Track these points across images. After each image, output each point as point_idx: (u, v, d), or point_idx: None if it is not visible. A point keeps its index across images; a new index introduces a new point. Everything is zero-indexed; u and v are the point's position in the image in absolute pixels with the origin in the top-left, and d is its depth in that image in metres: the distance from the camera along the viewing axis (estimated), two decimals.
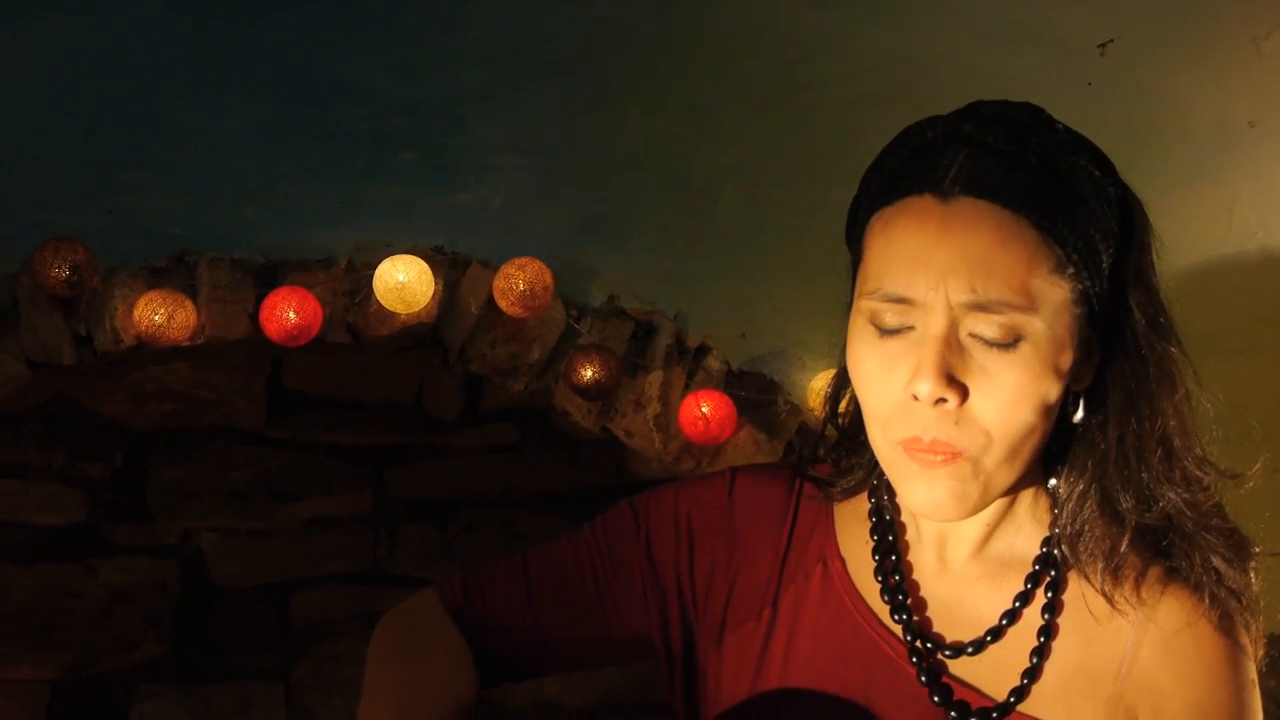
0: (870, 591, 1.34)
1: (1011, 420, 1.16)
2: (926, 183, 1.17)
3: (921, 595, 1.33)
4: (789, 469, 1.45)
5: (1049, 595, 1.27)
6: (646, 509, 1.46)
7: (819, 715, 1.32)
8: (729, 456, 3.10)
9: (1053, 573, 1.27)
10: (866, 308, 1.20)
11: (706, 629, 1.41)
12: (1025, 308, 1.14)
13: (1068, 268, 1.16)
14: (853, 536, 1.38)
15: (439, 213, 3.00)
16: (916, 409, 1.16)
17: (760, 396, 3.13)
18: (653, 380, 3.10)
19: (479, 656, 1.43)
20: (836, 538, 1.38)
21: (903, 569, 1.34)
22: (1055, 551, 1.27)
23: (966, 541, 1.30)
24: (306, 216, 2.98)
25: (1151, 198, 1.26)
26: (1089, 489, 1.23)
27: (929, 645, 1.29)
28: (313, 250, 3.02)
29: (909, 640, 1.29)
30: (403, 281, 2.91)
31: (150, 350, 2.95)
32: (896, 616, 1.31)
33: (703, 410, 3.00)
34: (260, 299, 2.94)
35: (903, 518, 1.36)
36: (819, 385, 3.06)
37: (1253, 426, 1.62)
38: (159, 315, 2.86)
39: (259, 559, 3.90)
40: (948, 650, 1.29)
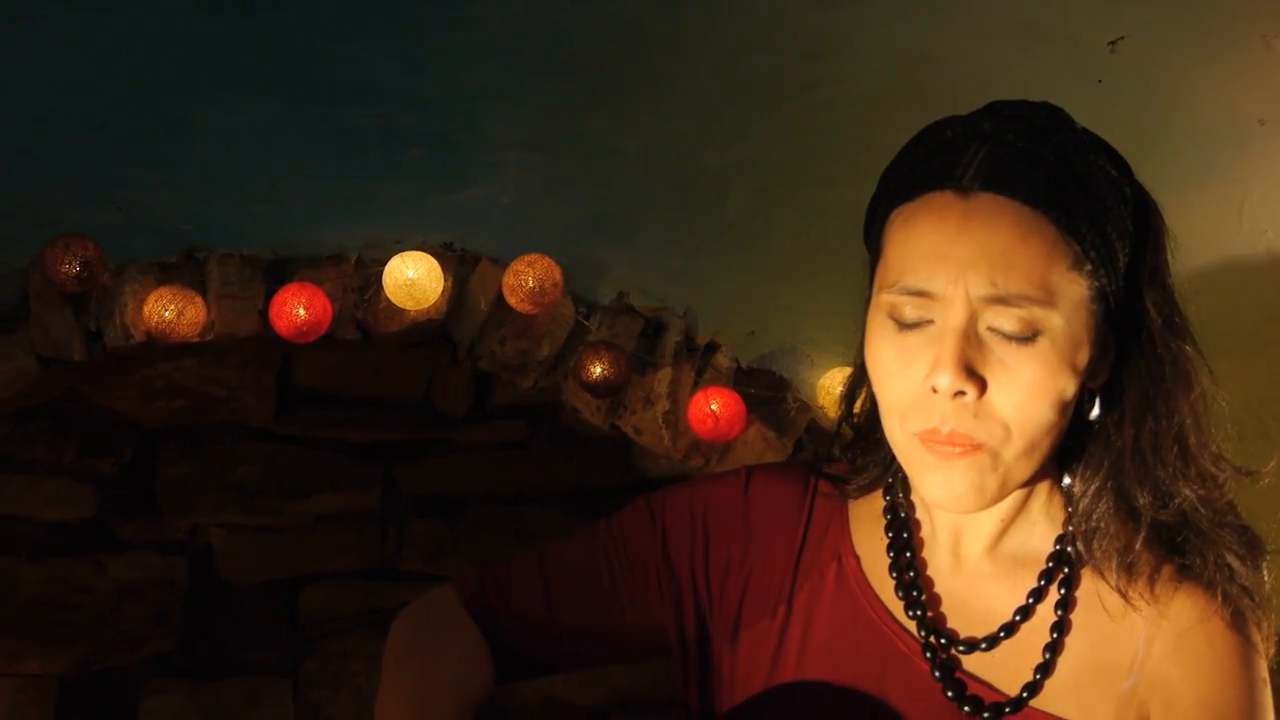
0: (884, 588, 1.34)
1: (1029, 414, 1.16)
2: (947, 179, 1.19)
3: (936, 592, 1.33)
4: (804, 467, 1.46)
5: (1062, 591, 1.27)
6: (663, 507, 1.46)
7: (833, 711, 1.33)
8: (738, 454, 3.10)
9: (1066, 569, 1.28)
10: (886, 302, 1.21)
11: (721, 626, 1.42)
12: (1044, 302, 1.15)
13: (1085, 265, 1.17)
14: (867, 534, 1.38)
15: (449, 209, 3.00)
16: (935, 401, 1.17)
17: (769, 394, 3.13)
18: (662, 377, 3.10)
19: (495, 652, 1.44)
20: (851, 535, 1.39)
21: (917, 565, 1.34)
22: (1069, 548, 1.28)
23: (981, 538, 1.31)
24: (316, 213, 2.98)
25: (1161, 196, 1.26)
26: (1104, 486, 1.23)
27: (943, 641, 1.30)
28: (322, 247, 3.02)
29: (923, 636, 1.30)
30: (412, 278, 2.92)
31: (160, 346, 2.96)
32: (911, 613, 1.31)
33: (712, 407, 3.00)
34: (270, 295, 2.95)
35: (917, 514, 1.37)
36: (828, 382, 3.06)
37: (1268, 425, 1.62)
38: (169, 311, 2.87)
39: (267, 555, 3.90)
40: (961, 646, 1.29)
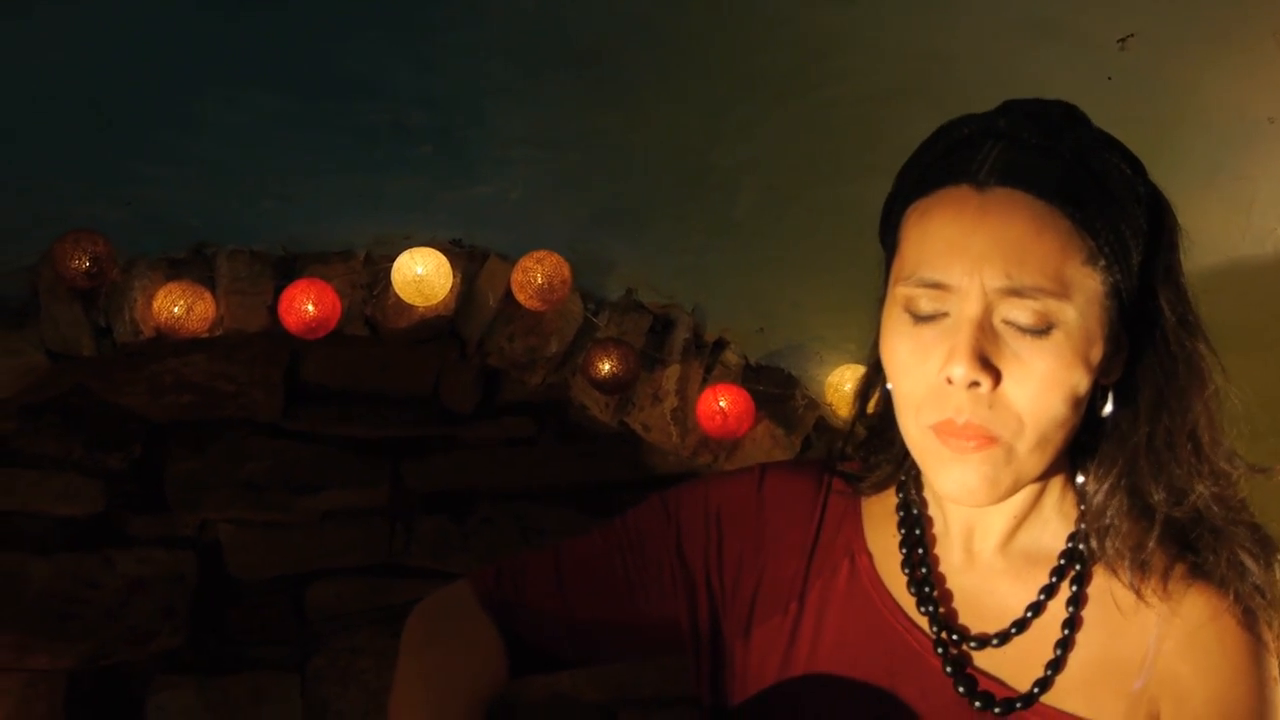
0: (896, 585, 1.35)
1: (1043, 407, 1.17)
2: (963, 174, 1.20)
3: (948, 588, 1.34)
4: (818, 465, 1.47)
5: (1074, 588, 1.28)
6: (677, 503, 1.48)
7: (844, 707, 1.34)
8: (746, 451, 3.10)
9: (1078, 566, 1.28)
10: (902, 295, 1.22)
11: (734, 622, 1.43)
12: (1058, 295, 1.16)
13: (1099, 260, 1.18)
14: (880, 531, 1.39)
15: (457, 205, 3.00)
16: (950, 393, 1.18)
17: (778, 391, 3.13)
18: (670, 374, 3.10)
19: (509, 646, 1.45)
20: (864, 532, 1.40)
21: (929, 562, 1.35)
22: (1081, 546, 1.28)
23: (993, 534, 1.31)
24: (325, 209, 2.98)
25: (1171, 193, 1.27)
26: (1118, 483, 1.24)
27: (954, 637, 1.30)
28: (331, 243, 3.02)
29: (935, 632, 1.30)
30: (421, 274, 2.92)
31: (169, 342, 2.96)
32: (923, 608, 1.32)
33: (720, 404, 3.00)
34: (279, 291, 2.95)
35: (930, 511, 1.37)
36: (836, 380, 3.06)
37: (1279, 422, 1.62)
38: (178, 307, 2.87)
39: (275, 551, 3.90)
40: (973, 642, 1.30)
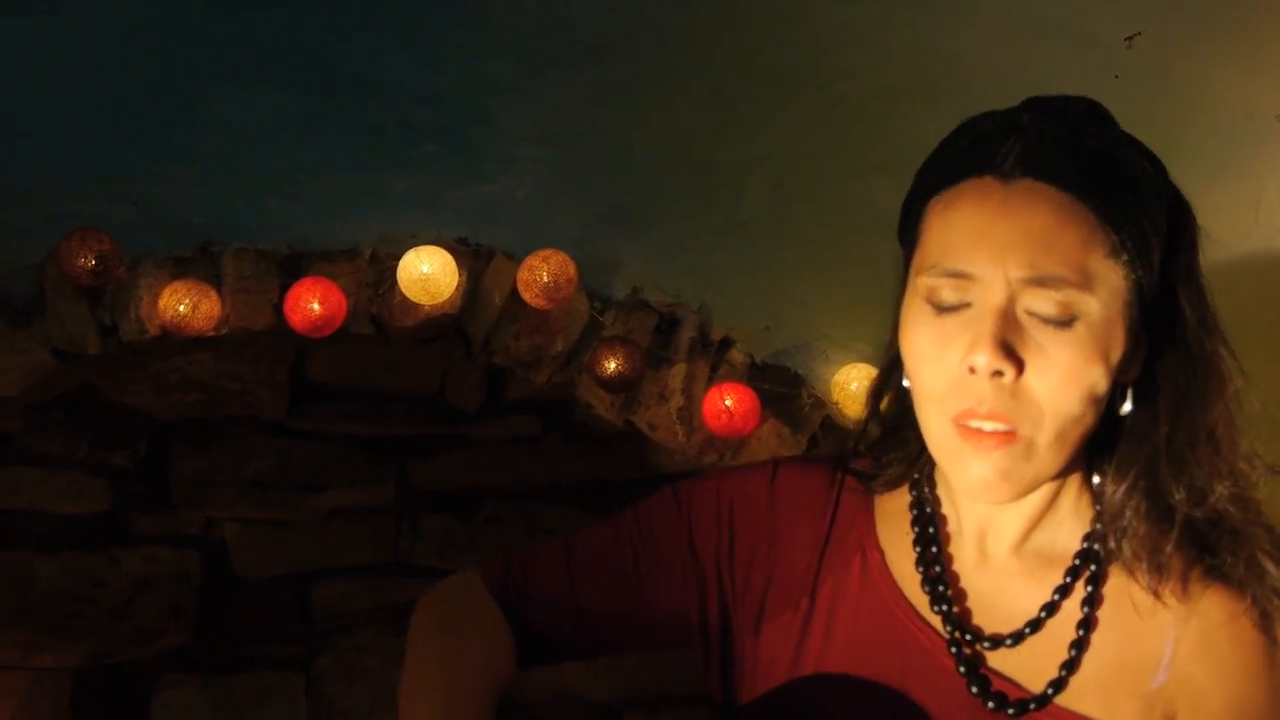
0: (908, 583, 1.34)
1: (1065, 398, 1.17)
2: (988, 166, 1.20)
3: (961, 587, 1.33)
4: (831, 461, 1.47)
5: (1089, 589, 1.27)
6: (689, 496, 1.47)
7: (855, 705, 1.33)
8: (752, 450, 3.10)
9: (1093, 567, 1.28)
10: (924, 285, 1.22)
11: (744, 617, 1.42)
12: (1081, 286, 1.16)
13: (1122, 254, 1.18)
14: (893, 528, 1.38)
15: (463, 204, 3.00)
16: (972, 383, 1.17)
17: (784, 390, 3.13)
18: (676, 373, 3.10)
19: (517, 635, 1.46)
20: (876, 529, 1.39)
21: (943, 560, 1.34)
22: (1096, 546, 1.28)
23: (1008, 535, 1.31)
24: (331, 207, 2.98)
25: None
26: (1136, 484, 1.23)
27: (968, 637, 1.30)
28: (337, 241, 3.03)
29: (948, 631, 1.30)
30: (427, 273, 2.92)
31: (174, 340, 2.96)
32: (936, 608, 1.31)
33: (726, 403, 3.00)
34: (284, 289, 2.95)
35: (943, 509, 1.37)
36: (843, 378, 3.06)
37: None
38: (184, 305, 2.87)
39: (281, 549, 3.91)
40: (986, 642, 1.29)
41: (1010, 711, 1.25)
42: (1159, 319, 1.22)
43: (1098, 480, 1.28)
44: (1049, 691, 1.25)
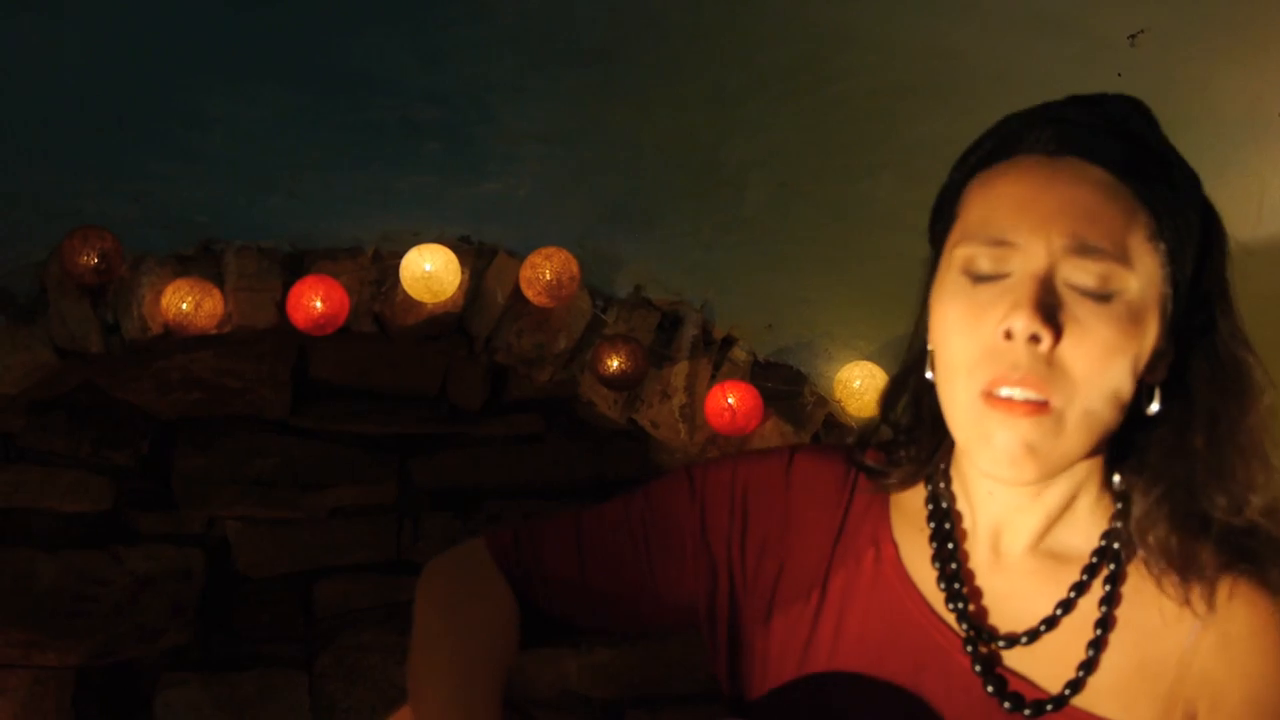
0: (922, 579, 1.33)
1: (1098, 374, 1.16)
2: (1034, 145, 1.22)
3: (976, 585, 1.32)
4: (848, 450, 1.45)
5: (1107, 587, 1.26)
6: (704, 479, 1.46)
7: (867, 702, 1.31)
8: (754, 448, 3.09)
9: (1112, 566, 1.26)
10: (961, 256, 1.21)
11: (754, 606, 1.41)
12: (1122, 261, 1.16)
13: (1160, 242, 1.19)
14: (907, 523, 1.37)
15: (466, 202, 3.00)
16: (1005, 351, 1.17)
17: (786, 388, 3.13)
18: (679, 371, 3.10)
19: (522, 609, 1.45)
20: (891, 523, 1.38)
21: (958, 558, 1.33)
22: (1116, 545, 1.26)
23: (1024, 534, 1.29)
24: (333, 205, 2.98)
25: None
26: (1170, 491, 1.22)
27: (983, 635, 1.28)
28: (340, 239, 3.02)
29: (965, 630, 1.28)
30: (429, 271, 2.92)
31: (177, 338, 2.96)
32: (951, 605, 1.30)
33: (729, 401, 3.00)
34: (287, 288, 2.95)
35: (958, 506, 1.35)
36: (845, 376, 3.05)
37: None
38: (186, 303, 2.87)
39: (283, 548, 3.90)
40: (1002, 641, 1.28)
41: (1027, 712, 1.24)
42: (1190, 327, 1.22)
43: (1120, 482, 1.27)
44: (1066, 692, 1.24)
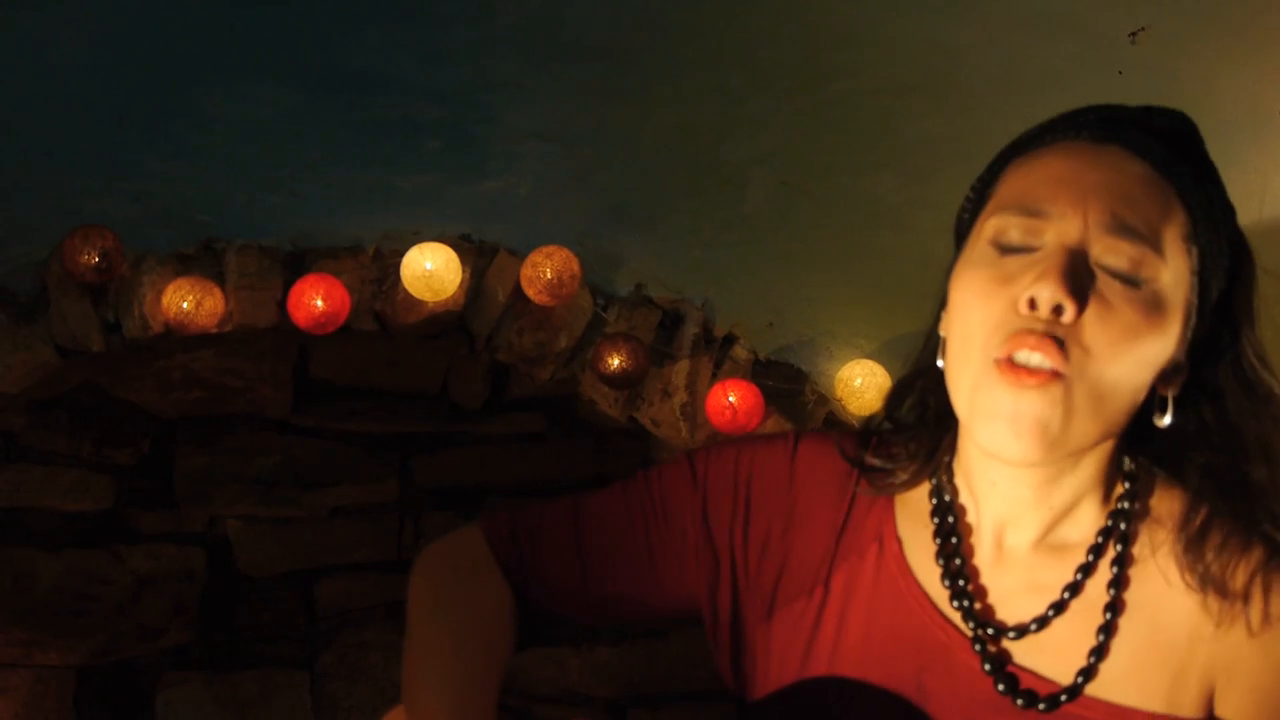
0: (925, 575, 1.31)
1: (1117, 354, 1.15)
2: (1080, 133, 1.22)
3: (981, 583, 1.30)
4: (853, 439, 1.42)
5: (1115, 569, 1.24)
6: (706, 467, 1.43)
7: (869, 703, 1.30)
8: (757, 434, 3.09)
9: (1118, 547, 1.25)
10: (992, 227, 1.21)
11: (756, 601, 1.38)
12: (1156, 249, 1.15)
13: (1193, 245, 1.18)
14: (911, 518, 1.35)
15: (467, 201, 3.00)
16: (1028, 320, 1.15)
17: (787, 386, 3.13)
18: (680, 369, 3.10)
19: (518, 600, 1.42)
20: (895, 518, 1.36)
21: (962, 553, 1.31)
22: (1122, 525, 1.25)
23: (1029, 531, 1.27)
24: (334, 204, 2.98)
25: None
26: (1218, 511, 1.21)
27: (990, 632, 1.26)
28: (340, 238, 3.02)
29: (971, 628, 1.26)
30: (430, 269, 2.92)
31: (178, 337, 2.96)
32: (956, 603, 1.28)
33: (730, 399, 3.00)
34: (288, 286, 2.95)
35: (961, 500, 1.32)
36: (846, 375, 3.05)
37: None
38: (187, 302, 2.87)
39: (285, 547, 3.91)
40: (1012, 632, 1.25)
41: (1041, 707, 1.22)
42: (1214, 352, 1.22)
43: (1129, 463, 1.26)
44: (1079, 680, 1.22)
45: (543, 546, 1.44)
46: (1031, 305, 1.14)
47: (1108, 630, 1.23)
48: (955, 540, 1.31)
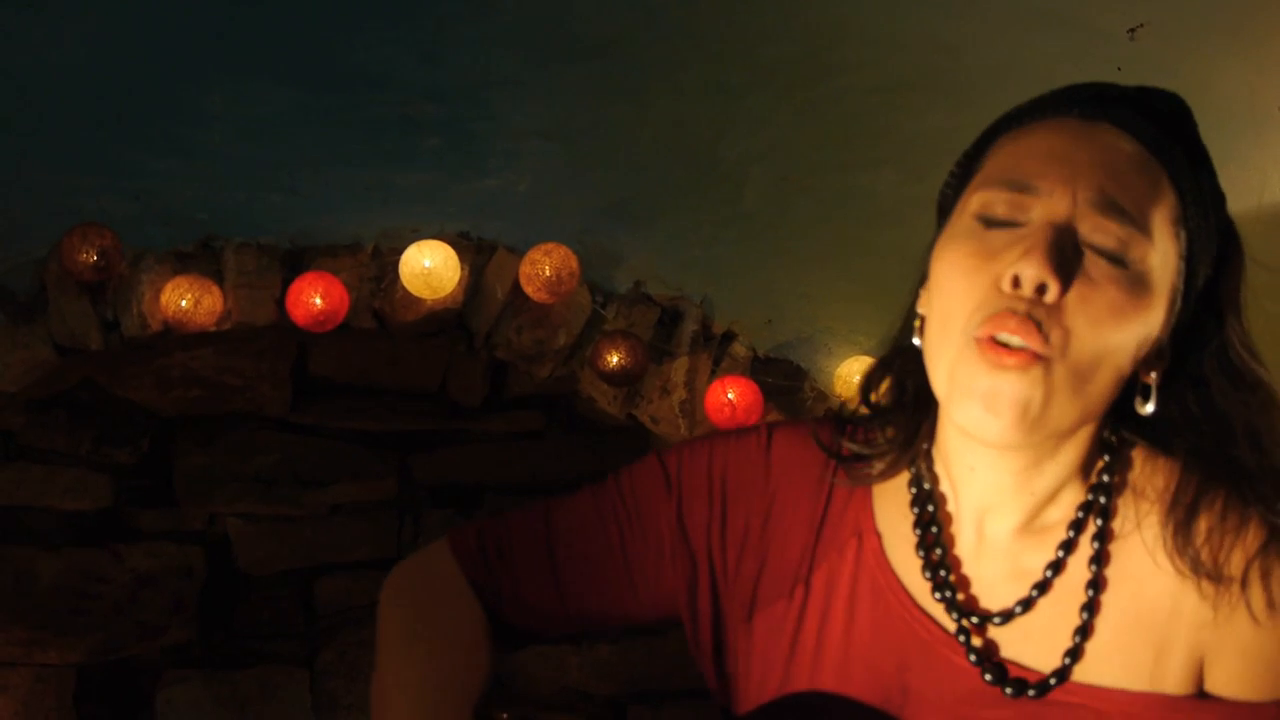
0: (906, 569, 1.29)
1: (1099, 334, 1.13)
2: (1070, 109, 1.21)
3: (963, 573, 1.27)
4: (829, 431, 1.39)
5: (1095, 545, 1.22)
6: (679, 466, 1.40)
7: (854, 707, 1.27)
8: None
9: (1099, 521, 1.23)
10: (977, 201, 1.19)
11: (736, 602, 1.36)
12: (1143, 229, 1.14)
13: (1182, 229, 1.17)
14: (890, 509, 1.32)
15: (465, 198, 3.00)
16: (1010, 298, 1.13)
17: (786, 383, 3.13)
18: (679, 366, 3.10)
19: (490, 615, 1.39)
20: (873, 510, 1.33)
21: (943, 543, 1.28)
22: (1103, 499, 1.23)
23: (1010, 518, 1.25)
24: (333, 202, 2.98)
25: None
26: (1230, 503, 1.19)
27: (975, 622, 1.24)
28: (339, 236, 3.02)
29: (955, 620, 1.24)
30: (429, 267, 2.92)
31: (177, 335, 2.96)
32: (938, 595, 1.25)
33: (729, 396, 3.00)
34: (287, 284, 2.95)
35: (941, 488, 1.30)
36: (845, 371, 3.05)
37: None
38: (186, 300, 2.87)
39: (284, 545, 3.91)
40: (997, 618, 1.24)
41: (1031, 694, 1.21)
42: (1199, 339, 1.21)
43: (1108, 434, 1.24)
44: (1066, 662, 1.20)
45: (515, 559, 1.41)
46: (1015, 283, 1.12)
47: (1091, 608, 1.21)
48: (936, 530, 1.29)
